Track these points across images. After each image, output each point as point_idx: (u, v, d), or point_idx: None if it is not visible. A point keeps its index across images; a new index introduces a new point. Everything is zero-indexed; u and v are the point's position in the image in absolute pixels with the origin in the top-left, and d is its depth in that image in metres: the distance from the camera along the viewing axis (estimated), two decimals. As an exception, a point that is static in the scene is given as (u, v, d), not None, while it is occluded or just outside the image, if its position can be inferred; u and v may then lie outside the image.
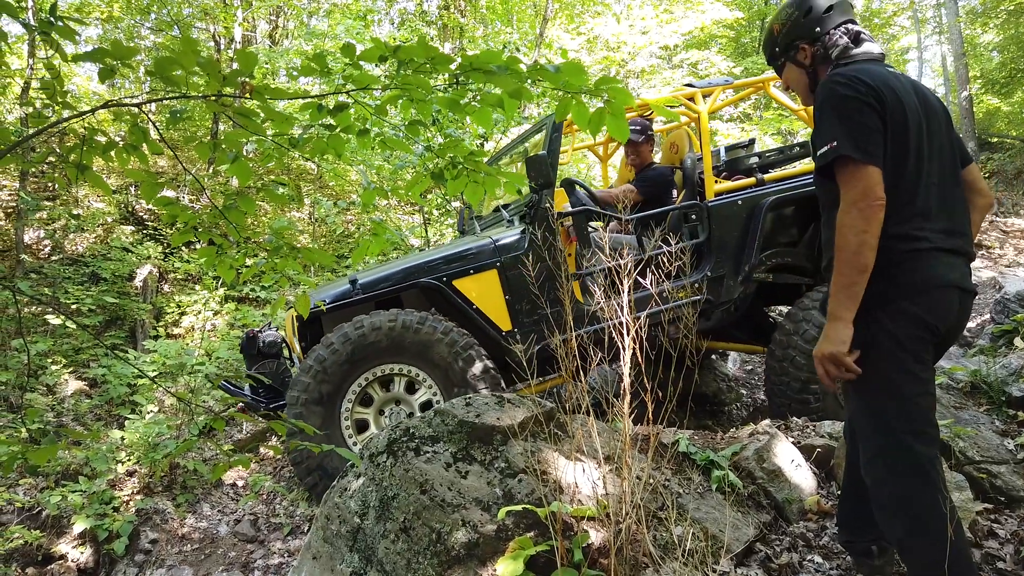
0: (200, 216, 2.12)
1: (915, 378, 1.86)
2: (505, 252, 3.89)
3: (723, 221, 4.10)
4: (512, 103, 1.83)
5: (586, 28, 12.49)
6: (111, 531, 4.91)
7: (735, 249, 4.11)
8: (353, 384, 3.59)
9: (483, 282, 3.84)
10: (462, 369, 3.58)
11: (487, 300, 3.84)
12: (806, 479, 2.90)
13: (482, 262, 3.87)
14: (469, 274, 3.83)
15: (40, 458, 1.84)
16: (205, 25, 11.92)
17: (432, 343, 3.56)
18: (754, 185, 4.22)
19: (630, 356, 2.19)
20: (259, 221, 10.65)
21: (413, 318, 3.59)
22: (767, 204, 4.10)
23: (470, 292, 3.82)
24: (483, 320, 3.80)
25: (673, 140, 4.93)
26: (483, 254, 3.90)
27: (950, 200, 1.95)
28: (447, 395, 3.63)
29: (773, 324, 4.86)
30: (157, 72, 1.65)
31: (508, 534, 2.21)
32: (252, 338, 4.07)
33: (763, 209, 4.09)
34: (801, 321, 3.92)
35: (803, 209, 4.32)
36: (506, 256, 3.87)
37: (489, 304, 3.84)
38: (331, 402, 3.52)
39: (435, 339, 3.57)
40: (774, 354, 4.00)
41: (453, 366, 3.59)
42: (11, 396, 6.78)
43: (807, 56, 2.17)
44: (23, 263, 8.68)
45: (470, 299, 3.80)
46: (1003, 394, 3.69)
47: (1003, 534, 2.60)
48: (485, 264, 3.86)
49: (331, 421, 3.51)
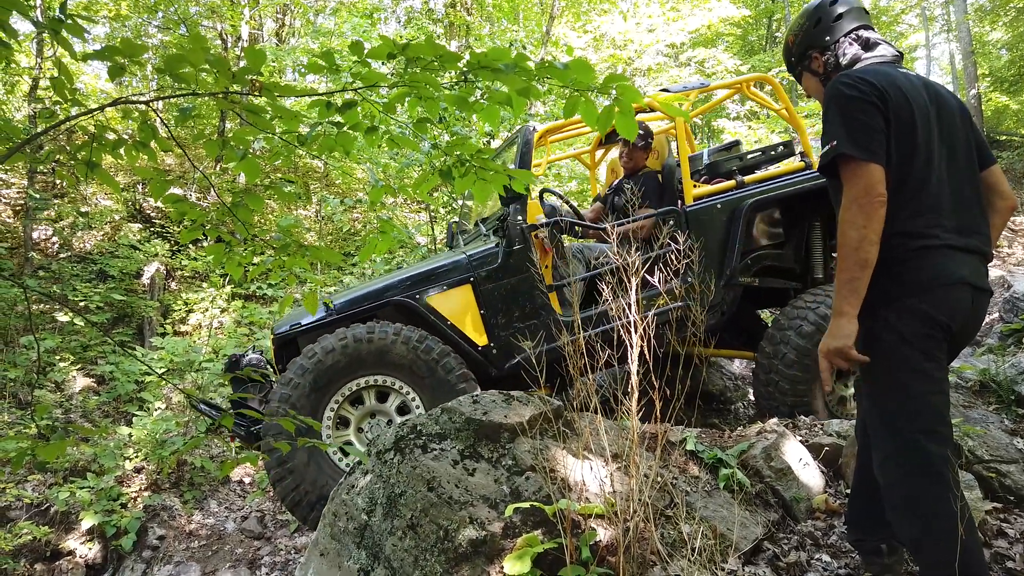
0: (208, 214, 2.13)
1: (926, 376, 1.85)
2: (479, 267, 3.87)
3: (702, 226, 4.03)
4: (520, 101, 1.83)
5: (592, 26, 12.48)
6: (119, 527, 4.95)
7: (716, 253, 4.04)
8: (326, 410, 3.55)
9: (457, 297, 3.83)
10: (425, 360, 3.56)
11: (462, 315, 3.82)
12: (814, 478, 2.90)
13: (456, 278, 3.86)
14: (443, 290, 3.83)
15: (49, 454, 1.85)
16: (212, 23, 11.95)
17: (388, 347, 3.53)
18: (734, 188, 4.15)
19: (638, 354, 2.19)
20: (267, 219, 10.68)
21: (361, 330, 3.55)
22: (747, 207, 4.03)
23: (444, 308, 3.81)
24: (458, 336, 3.78)
25: (654, 146, 4.87)
26: (457, 269, 3.89)
27: (964, 198, 1.94)
28: (421, 391, 3.60)
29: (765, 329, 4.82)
30: (167, 69, 1.66)
31: (515, 532, 2.20)
32: (235, 361, 4.05)
33: (743, 212, 4.02)
34: (788, 328, 3.85)
35: (788, 210, 4.25)
36: (480, 271, 3.86)
37: (464, 319, 3.82)
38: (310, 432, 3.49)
39: (390, 342, 3.54)
40: (762, 358, 3.95)
41: (416, 361, 3.56)
42: (20, 393, 6.82)
43: (820, 65, 2.20)
44: (31, 260, 8.73)
45: (444, 315, 3.79)
46: (1012, 393, 3.67)
47: (1012, 533, 2.59)
48: (459, 280, 3.85)
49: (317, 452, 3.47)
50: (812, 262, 4.29)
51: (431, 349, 3.59)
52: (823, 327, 3.72)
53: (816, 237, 4.29)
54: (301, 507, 3.44)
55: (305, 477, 3.41)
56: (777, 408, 3.82)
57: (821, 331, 3.73)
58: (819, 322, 3.76)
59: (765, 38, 19.29)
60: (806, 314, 3.84)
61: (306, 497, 3.42)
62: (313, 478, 3.43)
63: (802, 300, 3.96)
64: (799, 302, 3.95)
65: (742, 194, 4.11)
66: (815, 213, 4.25)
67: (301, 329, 3.87)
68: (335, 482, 3.34)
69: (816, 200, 4.16)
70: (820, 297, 3.90)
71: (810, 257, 4.30)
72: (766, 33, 19.31)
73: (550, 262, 3.99)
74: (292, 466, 3.41)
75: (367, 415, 3.68)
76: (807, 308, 3.86)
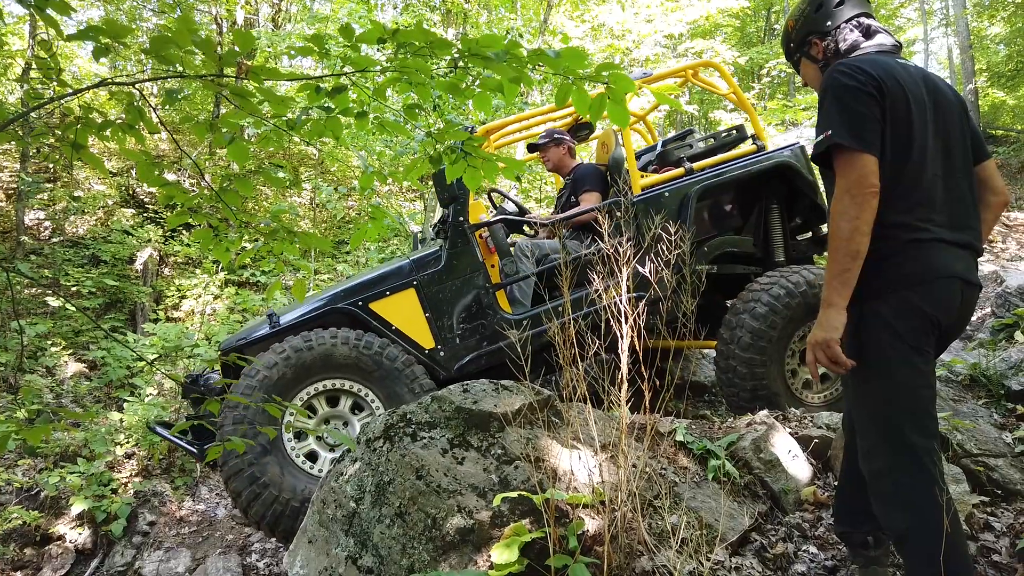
0: (195, 198, 2.11)
1: (914, 369, 1.85)
2: (422, 270, 3.85)
3: (651, 215, 3.92)
4: (512, 88, 1.82)
5: (591, 16, 12.40)
6: (109, 513, 4.94)
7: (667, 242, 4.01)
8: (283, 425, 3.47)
9: (401, 302, 3.80)
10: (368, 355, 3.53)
11: (407, 320, 3.79)
12: (803, 469, 2.90)
13: (399, 282, 3.83)
14: (385, 295, 3.80)
15: (35, 437, 1.84)
16: (207, 8, 11.84)
17: (331, 350, 3.49)
18: (682, 175, 4.10)
19: (628, 344, 2.18)
20: (260, 206, 10.63)
21: (298, 340, 3.50)
22: (694, 193, 3.99)
23: (388, 313, 3.78)
24: (404, 340, 3.75)
25: (602, 139, 4.81)
26: (400, 274, 3.88)
27: (957, 193, 1.93)
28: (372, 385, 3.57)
29: None
30: (153, 51, 1.64)
31: (503, 520, 2.21)
32: (193, 381, 3.99)
33: (691, 198, 3.98)
34: (742, 312, 3.82)
35: (743, 195, 4.21)
36: (423, 274, 3.84)
37: (409, 324, 3.79)
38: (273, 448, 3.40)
39: (331, 345, 3.50)
40: (721, 344, 3.91)
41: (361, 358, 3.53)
42: (10, 377, 6.80)
43: (819, 51, 2.17)
44: (23, 244, 8.68)
45: (389, 320, 3.76)
46: (1002, 388, 3.68)
47: (999, 527, 2.60)
48: (402, 284, 3.82)
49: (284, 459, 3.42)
50: (772, 246, 4.25)
51: (371, 344, 3.56)
52: (777, 308, 3.72)
53: (774, 220, 4.26)
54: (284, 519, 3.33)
55: (283, 488, 3.33)
56: (738, 394, 3.79)
57: (775, 312, 3.73)
58: (772, 303, 3.73)
59: (764, 30, 19.23)
60: (760, 296, 3.80)
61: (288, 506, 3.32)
62: (292, 486, 3.34)
63: (757, 283, 3.92)
64: (755, 285, 3.92)
65: (690, 181, 4.07)
66: (772, 196, 4.23)
67: (246, 343, 3.79)
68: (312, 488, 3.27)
69: (771, 183, 4.14)
70: (775, 278, 3.86)
71: (770, 241, 4.26)
72: (764, 25, 19.24)
73: (496, 261, 3.96)
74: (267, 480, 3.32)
75: (323, 422, 3.63)
76: (761, 290, 3.83)
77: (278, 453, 3.41)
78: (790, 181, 4.16)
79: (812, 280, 3.77)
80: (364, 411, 3.63)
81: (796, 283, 3.78)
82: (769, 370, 3.74)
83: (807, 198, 4.22)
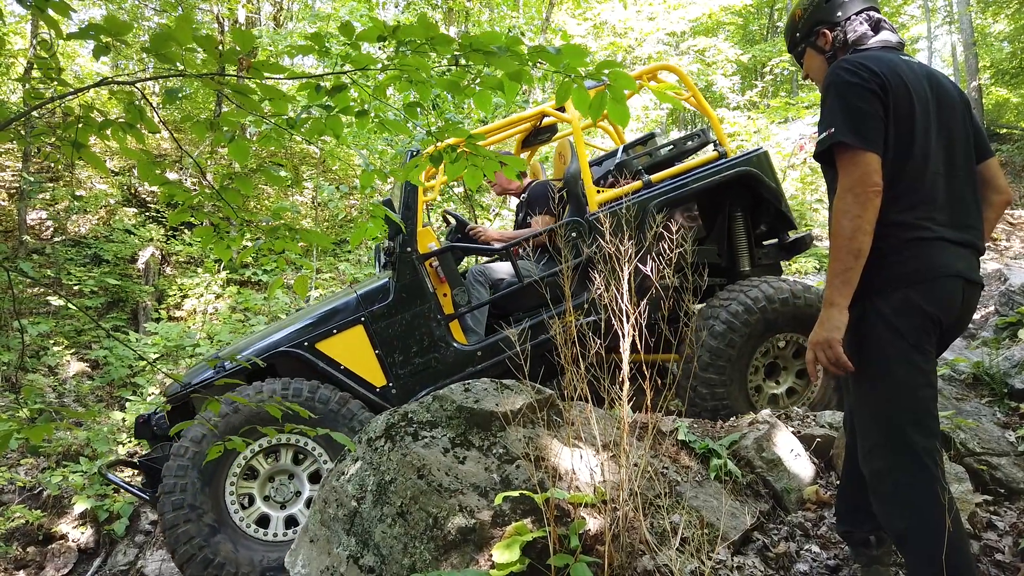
0: (196, 196, 2.10)
1: (915, 368, 1.84)
2: (369, 304, 3.69)
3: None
4: (513, 86, 1.81)
5: (593, 13, 12.40)
6: (111, 512, 4.95)
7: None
8: (226, 495, 3.33)
9: (349, 340, 3.65)
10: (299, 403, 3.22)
11: (356, 358, 3.65)
12: (805, 469, 2.90)
13: (346, 319, 3.67)
14: (332, 334, 3.63)
15: (36, 435, 1.84)
16: (209, 6, 11.84)
17: (259, 410, 3.20)
18: (640, 189, 3.91)
19: (629, 344, 2.18)
20: (261, 205, 10.63)
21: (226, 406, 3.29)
22: (652, 208, 3.78)
23: (336, 353, 3.63)
24: (353, 380, 3.61)
25: (559, 151, 4.57)
26: (346, 311, 3.71)
27: (959, 191, 1.92)
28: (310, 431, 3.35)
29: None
30: (153, 49, 1.63)
31: (505, 520, 2.20)
32: (144, 422, 3.86)
33: (649, 213, 3.76)
34: (701, 329, 3.65)
35: (706, 203, 4.06)
36: (370, 308, 3.68)
37: (358, 362, 3.65)
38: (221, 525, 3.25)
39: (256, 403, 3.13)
40: (681, 362, 3.76)
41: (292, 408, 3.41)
42: (13, 376, 6.81)
43: (827, 42, 2.14)
44: (25, 244, 8.68)
45: (337, 360, 3.62)
46: (1005, 386, 3.67)
47: (1002, 526, 2.59)
48: (349, 321, 3.66)
49: (235, 533, 3.26)
50: (737, 255, 4.12)
51: (300, 391, 3.38)
52: (735, 326, 3.60)
53: (739, 229, 4.12)
54: None
55: (239, 564, 3.17)
56: (699, 414, 3.64)
57: (734, 330, 3.61)
58: (730, 321, 3.61)
59: (766, 27, 19.19)
60: (719, 313, 3.66)
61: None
62: (248, 559, 3.20)
63: (717, 299, 3.77)
64: (715, 300, 3.77)
65: (648, 194, 3.87)
66: (735, 204, 4.10)
67: (191, 389, 3.60)
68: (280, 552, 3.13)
69: (734, 191, 4.01)
70: (734, 293, 3.72)
71: (735, 250, 4.13)
72: (767, 23, 19.21)
73: (448, 290, 3.84)
74: (221, 560, 3.16)
75: (267, 480, 3.45)
76: (720, 307, 3.69)
77: (227, 529, 3.25)
78: (753, 189, 4.03)
79: (771, 295, 3.65)
80: (307, 460, 3.45)
81: (755, 299, 3.64)
82: (730, 389, 3.62)
83: (771, 205, 4.07)
